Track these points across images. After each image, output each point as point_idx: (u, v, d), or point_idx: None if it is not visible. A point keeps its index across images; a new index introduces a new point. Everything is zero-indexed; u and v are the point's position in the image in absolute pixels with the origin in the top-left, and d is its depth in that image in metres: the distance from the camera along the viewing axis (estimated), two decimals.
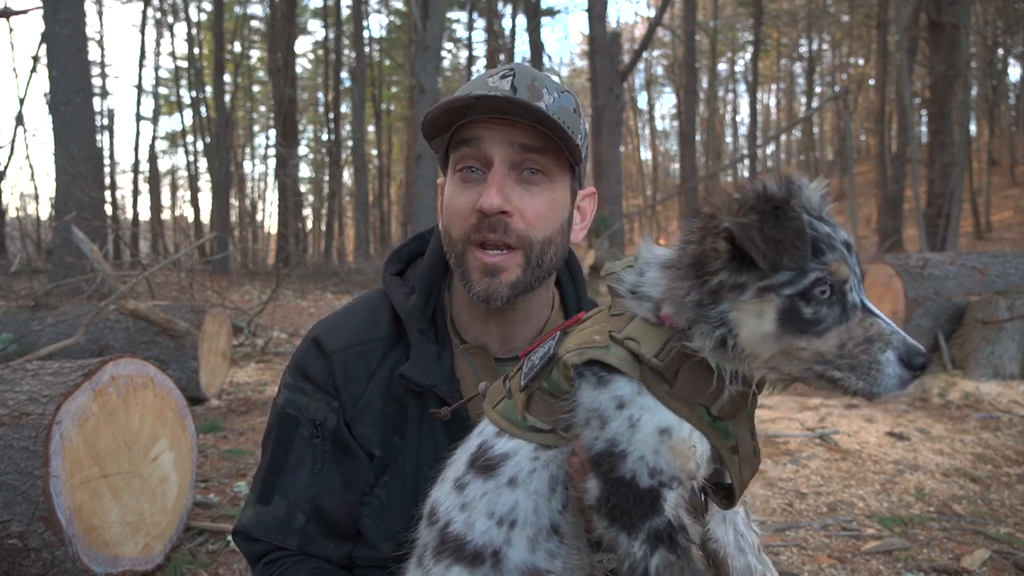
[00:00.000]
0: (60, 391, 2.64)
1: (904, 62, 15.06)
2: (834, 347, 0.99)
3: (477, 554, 1.11)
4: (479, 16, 35.43)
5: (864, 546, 3.36)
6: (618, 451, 1.03)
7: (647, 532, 1.01)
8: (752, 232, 0.96)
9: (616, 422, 1.03)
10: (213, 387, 6.28)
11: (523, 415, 1.15)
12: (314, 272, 21.78)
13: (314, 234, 43.88)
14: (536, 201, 1.36)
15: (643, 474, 1.02)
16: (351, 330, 1.50)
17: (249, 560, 1.51)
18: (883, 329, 0.99)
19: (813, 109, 34.27)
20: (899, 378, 0.98)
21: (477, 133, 1.34)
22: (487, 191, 1.32)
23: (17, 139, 20.93)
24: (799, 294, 0.98)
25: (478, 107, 1.32)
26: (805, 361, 1.01)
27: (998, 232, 27.25)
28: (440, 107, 1.33)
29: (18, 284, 11.01)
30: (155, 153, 37.87)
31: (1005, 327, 6.48)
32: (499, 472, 1.13)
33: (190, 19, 31.81)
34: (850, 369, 0.99)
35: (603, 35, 15.84)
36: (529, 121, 1.32)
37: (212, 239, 20.83)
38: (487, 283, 1.36)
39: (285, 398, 1.50)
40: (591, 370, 1.07)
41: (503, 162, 1.34)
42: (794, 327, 0.99)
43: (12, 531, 2.48)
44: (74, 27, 10.86)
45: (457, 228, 1.38)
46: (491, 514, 1.12)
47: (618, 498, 1.02)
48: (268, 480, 1.48)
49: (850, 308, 1.00)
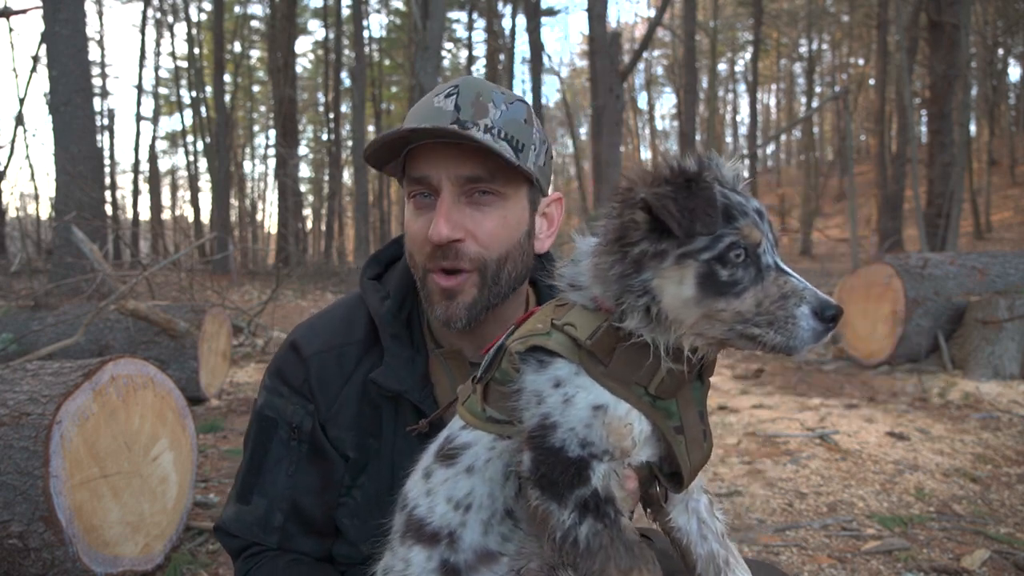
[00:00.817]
0: (60, 391, 2.64)
1: (904, 62, 15.05)
2: (752, 306, 1.04)
3: (434, 534, 1.16)
4: (479, 16, 35.44)
5: (864, 546, 3.36)
6: (549, 423, 1.06)
7: (575, 501, 1.04)
8: (667, 201, 1.02)
9: (551, 399, 1.07)
10: (213, 387, 6.27)
11: (482, 407, 1.19)
12: (314, 272, 21.79)
13: (314, 234, 43.87)
14: (488, 221, 1.38)
15: (573, 445, 1.05)
16: (328, 334, 1.53)
17: (230, 554, 1.55)
18: (796, 286, 1.05)
19: (813, 109, 34.27)
20: (813, 330, 1.03)
21: (422, 168, 1.38)
22: (435, 222, 1.35)
23: (17, 139, 20.92)
24: (716, 258, 1.03)
25: (416, 139, 1.36)
26: (726, 322, 1.05)
27: (998, 232, 27.26)
28: (376, 142, 1.36)
29: (18, 284, 11.01)
30: (155, 153, 37.90)
31: (1005, 327, 6.48)
32: (458, 461, 1.19)
33: (190, 19, 31.81)
34: (768, 325, 1.04)
35: (603, 35, 15.83)
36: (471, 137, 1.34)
37: (212, 239, 20.83)
38: (446, 306, 1.40)
39: (264, 400, 1.54)
40: (534, 356, 1.12)
41: (451, 191, 1.36)
42: (713, 290, 1.03)
43: (12, 531, 2.48)
44: (74, 27, 10.86)
45: (416, 254, 1.43)
46: (449, 499, 1.17)
47: (547, 467, 1.05)
48: (247, 480, 1.52)
49: (764, 269, 1.05)
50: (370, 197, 35.72)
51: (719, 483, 4.30)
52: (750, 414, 5.92)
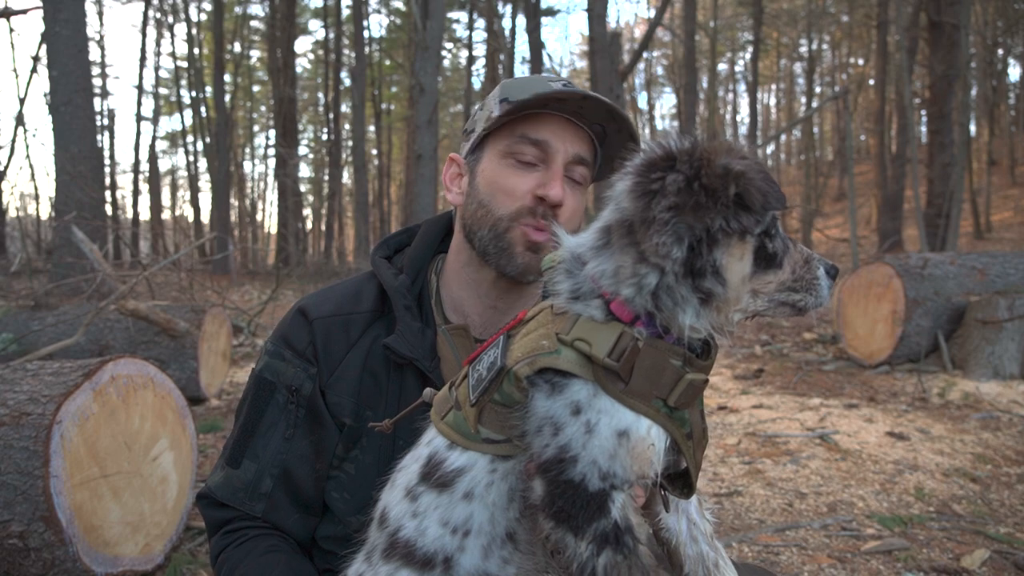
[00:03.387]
0: (60, 391, 2.64)
1: (904, 62, 15.04)
2: (789, 274, 1.09)
3: (428, 559, 1.10)
4: (479, 16, 35.39)
5: (864, 546, 3.36)
6: (569, 456, 1.00)
7: (593, 533, 1.00)
8: (754, 174, 0.98)
9: (571, 428, 1.00)
10: (213, 387, 6.27)
11: (475, 428, 1.11)
12: (314, 272, 21.76)
13: (314, 234, 43.84)
14: (575, 201, 1.50)
15: (594, 479, 1.00)
16: (336, 302, 1.56)
17: (209, 527, 1.52)
18: (806, 250, 1.12)
19: (813, 109, 34.24)
20: (828, 288, 1.12)
21: (543, 133, 1.45)
22: (553, 183, 1.44)
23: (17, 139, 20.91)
24: (764, 232, 1.04)
25: (564, 106, 1.43)
26: (769, 294, 1.08)
27: (998, 232, 27.23)
28: (538, 99, 1.40)
29: (18, 284, 11.00)
30: (155, 153, 37.83)
31: (1005, 327, 6.48)
32: (454, 488, 1.11)
33: (190, 19, 31.78)
34: (803, 289, 1.10)
35: (603, 35, 15.82)
36: (599, 119, 1.46)
37: (212, 239, 20.83)
38: (529, 257, 1.45)
39: (264, 364, 1.54)
40: (543, 378, 1.04)
41: (563, 163, 1.47)
42: (764, 263, 1.05)
43: (12, 531, 2.48)
44: (74, 27, 10.86)
45: (505, 206, 1.47)
46: (444, 523, 1.11)
47: (563, 501, 1.00)
48: (239, 443, 1.51)
49: (785, 238, 1.10)
50: (370, 197, 35.73)
51: (719, 483, 4.30)
52: (750, 414, 5.92)
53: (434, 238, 1.66)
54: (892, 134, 27.22)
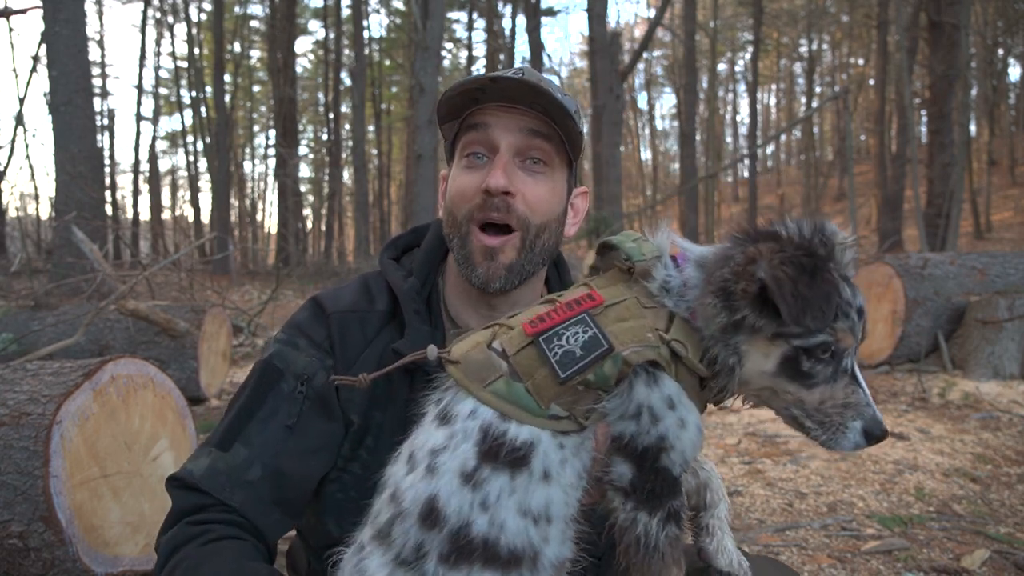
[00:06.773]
0: (60, 391, 2.64)
1: (904, 62, 15.05)
2: (815, 401, 1.11)
3: (515, 556, 1.04)
4: (479, 16, 35.42)
5: (864, 546, 3.36)
6: (666, 445, 1.09)
7: (667, 511, 1.10)
8: (785, 287, 1.02)
9: (668, 420, 1.09)
10: (213, 387, 6.27)
11: (548, 404, 1.09)
12: (314, 272, 21.76)
13: (314, 234, 43.83)
14: (537, 186, 1.44)
15: (677, 465, 1.11)
16: (351, 298, 1.54)
17: (172, 513, 1.36)
18: (860, 400, 1.11)
19: (813, 109, 34.27)
20: (855, 444, 1.11)
21: (485, 119, 1.43)
22: (493, 171, 1.40)
23: (17, 139, 20.89)
24: (804, 349, 1.08)
25: (492, 91, 1.40)
26: (786, 402, 1.14)
27: (998, 232, 27.23)
28: (457, 88, 1.41)
29: (18, 284, 11.00)
30: (155, 153, 37.84)
31: (1005, 327, 6.48)
32: (531, 467, 1.06)
33: (190, 19, 31.78)
34: (819, 424, 1.12)
35: (603, 35, 15.82)
36: (536, 110, 1.40)
37: (212, 239, 20.80)
38: (487, 266, 1.43)
39: (274, 350, 1.47)
40: (643, 367, 1.11)
41: (509, 148, 1.43)
42: (790, 374, 1.10)
43: (12, 531, 2.48)
44: (74, 27, 10.86)
45: (461, 208, 1.45)
46: (524, 511, 1.05)
47: (654, 484, 1.09)
48: (232, 427, 1.42)
49: (840, 372, 1.11)
50: (370, 197, 35.75)
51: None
52: (750, 414, 5.92)
53: (443, 240, 1.63)
54: (892, 134, 27.22)
